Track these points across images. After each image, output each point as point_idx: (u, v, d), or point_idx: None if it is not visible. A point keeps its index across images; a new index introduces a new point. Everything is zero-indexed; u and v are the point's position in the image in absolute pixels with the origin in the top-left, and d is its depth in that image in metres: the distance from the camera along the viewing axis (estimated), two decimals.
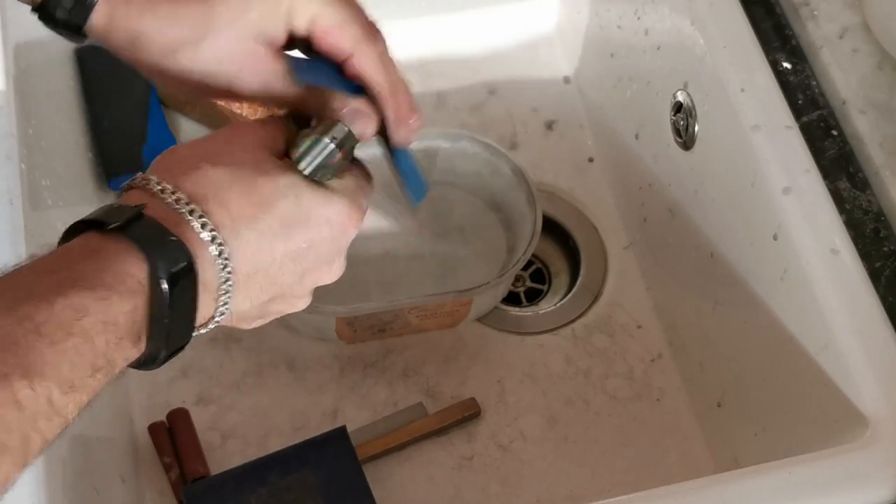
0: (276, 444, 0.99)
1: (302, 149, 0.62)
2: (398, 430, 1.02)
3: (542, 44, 1.31)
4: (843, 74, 0.94)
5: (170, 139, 1.14)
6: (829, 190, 0.87)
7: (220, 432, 1.03)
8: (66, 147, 1.06)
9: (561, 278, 1.17)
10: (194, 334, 0.58)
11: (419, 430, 1.03)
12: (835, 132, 0.92)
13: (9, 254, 0.79)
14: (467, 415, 1.04)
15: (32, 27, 0.79)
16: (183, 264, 0.54)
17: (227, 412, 1.04)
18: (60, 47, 1.12)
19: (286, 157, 0.62)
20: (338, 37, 0.65)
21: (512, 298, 1.14)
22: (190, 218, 0.55)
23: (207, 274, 0.56)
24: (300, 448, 0.98)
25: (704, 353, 1.04)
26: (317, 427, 1.02)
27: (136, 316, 0.52)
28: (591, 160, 1.23)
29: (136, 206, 0.54)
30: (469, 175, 1.13)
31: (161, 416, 1.02)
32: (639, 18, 1.09)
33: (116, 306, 0.51)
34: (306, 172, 0.61)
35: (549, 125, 1.25)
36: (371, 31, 0.67)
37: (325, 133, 0.62)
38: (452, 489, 1.01)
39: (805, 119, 0.93)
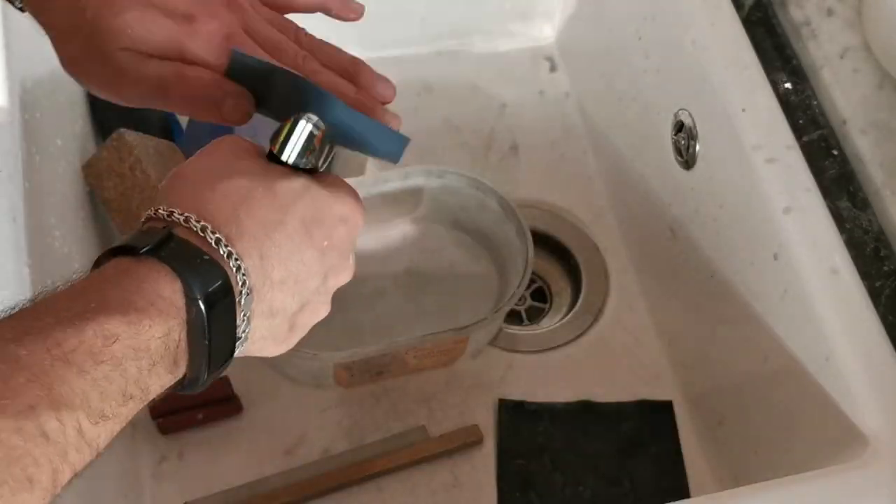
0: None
1: (281, 138, 0.61)
2: (399, 451, 1.02)
3: (545, 64, 1.31)
4: (844, 94, 0.95)
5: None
6: (830, 209, 0.87)
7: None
8: (71, 168, 1.06)
9: (562, 297, 1.17)
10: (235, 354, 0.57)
11: (420, 453, 1.02)
12: (835, 152, 0.93)
13: (12, 271, 0.79)
14: (469, 441, 1.04)
15: (39, 55, 0.79)
16: (218, 283, 0.53)
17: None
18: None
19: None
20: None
21: (513, 317, 1.14)
22: (208, 235, 0.55)
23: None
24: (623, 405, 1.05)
25: (705, 372, 1.04)
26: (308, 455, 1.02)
27: (170, 340, 0.51)
28: (592, 179, 1.23)
29: (165, 228, 0.53)
30: (456, 210, 1.13)
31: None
32: (640, 39, 1.09)
33: (148, 331, 0.50)
34: (291, 161, 0.61)
35: (551, 144, 1.25)
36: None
37: (297, 119, 0.61)
38: None
39: (806, 139, 0.93)
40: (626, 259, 1.17)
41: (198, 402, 1.02)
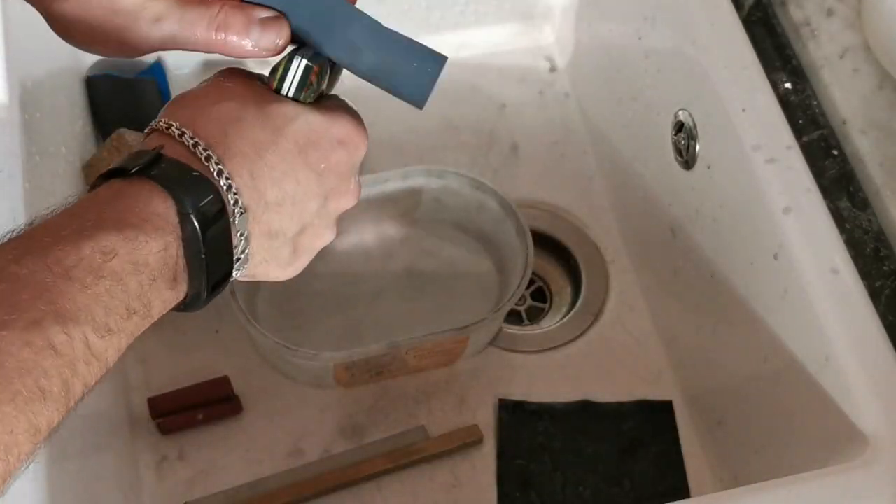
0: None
1: (279, 73, 0.61)
2: (399, 451, 1.02)
3: (545, 64, 1.31)
4: (844, 94, 0.95)
5: None
6: (830, 209, 0.87)
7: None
8: (71, 168, 1.06)
9: (562, 296, 1.17)
10: (234, 274, 0.57)
11: (420, 453, 1.02)
12: (835, 152, 0.93)
13: None
14: (469, 441, 1.04)
15: (39, 56, 0.79)
16: (209, 197, 0.53)
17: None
18: (68, 74, 1.12)
19: None
20: None
21: (513, 317, 1.14)
22: (199, 151, 0.55)
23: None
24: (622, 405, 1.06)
25: (705, 372, 1.04)
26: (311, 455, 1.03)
27: (168, 256, 0.52)
28: (592, 179, 1.23)
29: (154, 149, 0.54)
30: (456, 210, 1.13)
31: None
32: (640, 39, 1.10)
33: (145, 246, 0.50)
34: (290, 95, 0.61)
35: (552, 144, 1.25)
36: None
37: (293, 55, 0.61)
38: None
39: (806, 139, 0.93)
40: (626, 259, 1.17)
41: (198, 403, 1.03)
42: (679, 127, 1.02)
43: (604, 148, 1.23)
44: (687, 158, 1.01)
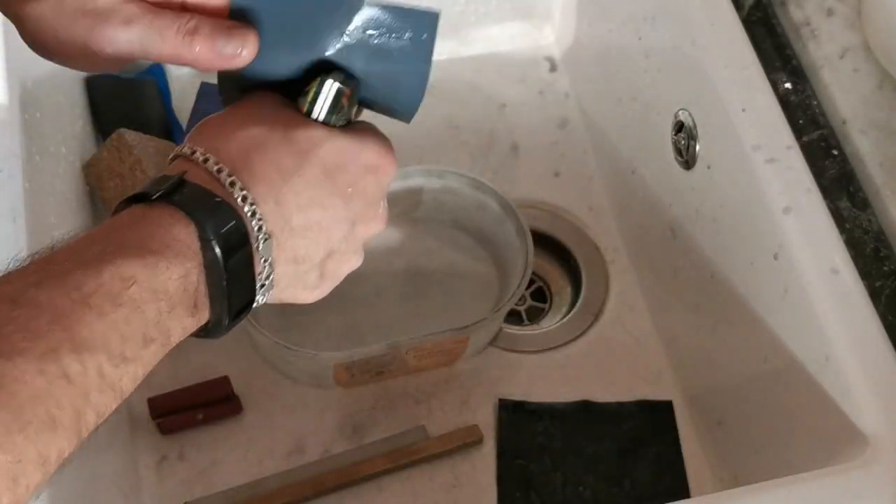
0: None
1: (310, 96, 0.61)
2: (399, 451, 1.02)
3: (545, 64, 1.31)
4: (844, 94, 0.95)
5: None
6: (830, 209, 0.87)
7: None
8: (71, 168, 1.06)
9: (562, 296, 1.17)
10: (258, 300, 0.57)
11: (420, 453, 1.02)
12: (835, 152, 0.93)
13: None
14: (469, 441, 1.04)
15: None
16: (232, 223, 0.54)
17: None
18: (68, 74, 1.12)
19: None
20: None
21: (513, 317, 1.14)
22: (223, 177, 0.55)
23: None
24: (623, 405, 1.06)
25: (705, 372, 1.04)
26: (312, 454, 1.03)
27: (188, 283, 0.52)
28: (592, 179, 1.23)
29: (177, 175, 0.54)
30: (456, 210, 1.13)
31: None
32: (640, 39, 1.09)
33: (165, 273, 0.50)
34: (321, 118, 0.61)
35: (552, 144, 1.25)
36: None
37: (324, 78, 0.61)
38: None
39: (806, 139, 0.93)
40: (626, 259, 1.17)
41: (198, 402, 1.03)
42: (679, 127, 1.02)
43: (604, 148, 1.22)
44: (687, 158, 1.01)
